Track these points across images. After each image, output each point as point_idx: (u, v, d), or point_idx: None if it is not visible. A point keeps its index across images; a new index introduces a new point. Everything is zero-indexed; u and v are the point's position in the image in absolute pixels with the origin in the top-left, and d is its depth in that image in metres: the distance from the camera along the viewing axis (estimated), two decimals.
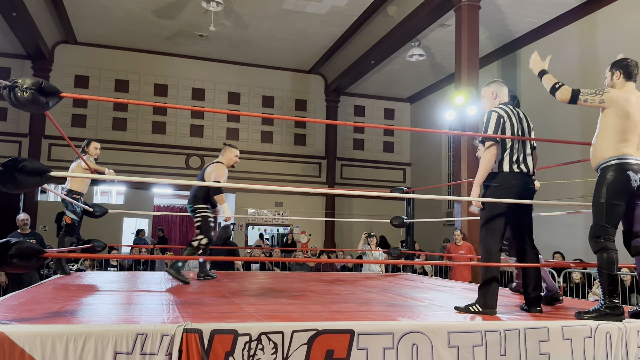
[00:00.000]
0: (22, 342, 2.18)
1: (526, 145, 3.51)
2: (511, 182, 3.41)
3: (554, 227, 9.80)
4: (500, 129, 3.44)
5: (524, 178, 3.44)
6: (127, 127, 13.94)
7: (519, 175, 3.43)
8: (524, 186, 3.43)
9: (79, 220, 5.66)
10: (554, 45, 10.65)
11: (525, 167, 3.46)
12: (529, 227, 3.60)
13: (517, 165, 3.43)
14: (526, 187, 3.45)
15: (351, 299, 4.04)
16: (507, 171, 3.42)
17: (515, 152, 3.44)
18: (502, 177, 3.43)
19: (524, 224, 3.58)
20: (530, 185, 3.49)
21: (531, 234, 3.61)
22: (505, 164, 3.43)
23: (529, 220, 3.59)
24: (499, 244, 3.42)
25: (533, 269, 3.53)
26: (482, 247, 3.46)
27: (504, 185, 3.41)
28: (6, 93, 2.44)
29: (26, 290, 4.04)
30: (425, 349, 2.66)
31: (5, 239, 2.50)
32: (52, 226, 12.45)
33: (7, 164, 2.44)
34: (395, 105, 16.56)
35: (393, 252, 7.48)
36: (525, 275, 3.56)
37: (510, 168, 3.42)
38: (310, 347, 2.50)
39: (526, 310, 3.47)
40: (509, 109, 3.56)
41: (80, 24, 12.32)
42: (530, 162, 3.51)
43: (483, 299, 3.34)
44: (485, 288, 3.35)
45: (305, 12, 11.17)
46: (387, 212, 10.88)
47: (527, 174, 3.47)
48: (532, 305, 3.46)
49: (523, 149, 3.48)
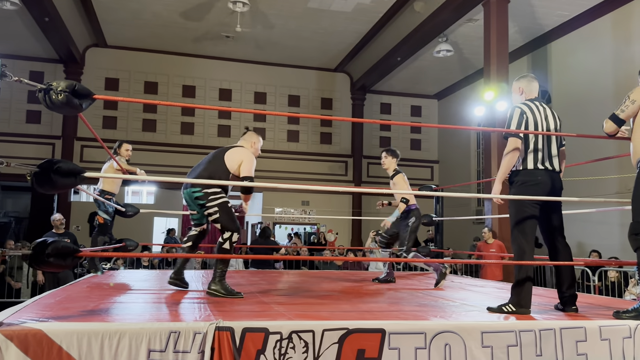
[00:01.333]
0: (60, 339, 2.23)
1: (552, 142, 3.42)
2: (536, 178, 3.34)
3: (589, 224, 9.56)
4: (523, 126, 3.37)
5: (550, 175, 3.36)
6: (156, 128, 14.16)
7: (544, 172, 3.35)
8: (550, 183, 3.35)
9: (111, 220, 5.78)
10: (586, 38, 10.39)
11: (551, 164, 3.38)
12: (560, 224, 3.51)
13: (542, 162, 3.35)
14: (553, 184, 3.37)
15: (381, 298, 4.02)
16: (532, 168, 3.35)
17: (541, 149, 3.36)
18: (527, 174, 3.36)
19: (554, 221, 3.49)
20: (557, 182, 3.41)
21: (562, 231, 3.52)
22: (530, 161, 3.36)
23: (559, 217, 3.50)
24: (531, 242, 3.35)
25: (567, 267, 3.45)
26: (514, 246, 3.39)
27: (529, 182, 3.34)
28: (41, 96, 2.50)
29: (62, 289, 4.14)
30: (458, 349, 2.62)
31: (45, 238, 2.56)
32: (85, 226, 12.75)
33: (43, 165, 2.49)
34: (422, 102, 16.40)
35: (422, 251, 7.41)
36: (558, 274, 3.48)
37: (535, 165, 3.35)
38: (341, 346, 2.49)
39: (561, 309, 3.39)
40: (535, 105, 3.47)
41: (110, 27, 12.56)
42: (557, 159, 3.43)
43: (517, 298, 3.28)
44: (518, 287, 3.29)
45: (331, 10, 11.15)
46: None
47: (554, 171, 3.39)
48: (567, 305, 3.38)
49: (549, 146, 3.40)
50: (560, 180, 3.46)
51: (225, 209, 3.81)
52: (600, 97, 9.74)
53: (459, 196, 6.27)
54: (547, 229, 3.53)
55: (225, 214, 3.79)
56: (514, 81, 3.71)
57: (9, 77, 2.37)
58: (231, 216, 3.81)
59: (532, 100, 3.53)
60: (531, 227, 3.36)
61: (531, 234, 3.36)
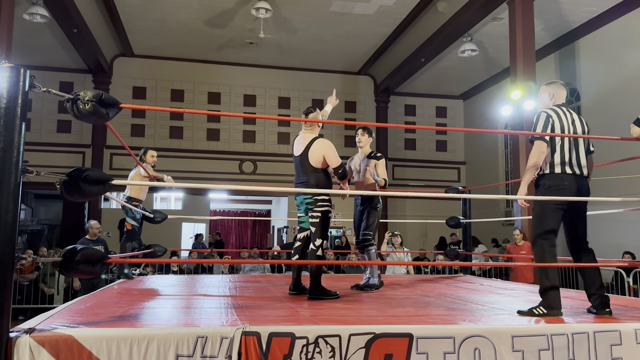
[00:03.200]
0: (90, 344, 2.26)
1: (580, 147, 3.39)
2: (563, 183, 3.30)
3: (621, 225, 9.31)
4: (549, 129, 3.34)
5: (577, 180, 3.32)
6: (183, 135, 14.36)
7: (571, 177, 3.31)
8: (576, 189, 3.30)
9: (139, 226, 5.86)
10: (617, 34, 10.14)
11: (579, 169, 3.34)
12: (584, 229, 3.46)
13: (569, 167, 3.32)
14: (579, 190, 3.32)
15: (407, 303, 3.97)
16: (559, 172, 3.32)
17: (567, 154, 3.33)
18: (554, 178, 3.33)
19: (578, 226, 3.45)
20: (583, 188, 3.36)
21: (585, 235, 3.46)
22: (557, 165, 3.33)
23: (584, 222, 3.46)
24: (553, 245, 3.32)
25: (592, 270, 3.39)
26: (535, 248, 3.38)
27: (555, 187, 3.31)
28: (69, 106, 2.55)
29: (92, 295, 4.21)
30: (488, 353, 2.57)
31: (74, 245, 2.61)
32: (115, 232, 12.98)
33: (72, 173, 2.54)
34: (447, 103, 16.23)
35: (450, 253, 7.32)
36: (584, 277, 3.42)
37: (563, 169, 3.31)
38: (368, 350, 2.47)
39: (594, 313, 3.30)
40: (562, 110, 3.44)
41: (136, 37, 12.80)
42: (585, 164, 3.38)
43: (546, 300, 3.23)
44: (546, 290, 3.25)
45: (353, 14, 11.14)
46: (443, 212, 10.67)
47: (581, 176, 3.35)
48: (599, 308, 3.29)
49: (577, 151, 3.36)
50: (588, 186, 3.42)
51: (326, 217, 4.10)
52: (632, 95, 9.48)
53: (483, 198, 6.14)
54: (572, 233, 3.48)
55: (324, 222, 4.08)
56: (544, 85, 3.67)
57: (37, 88, 2.42)
58: (327, 226, 4.12)
59: (559, 105, 3.50)
60: (553, 230, 3.32)
61: (552, 238, 3.32)
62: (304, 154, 4.13)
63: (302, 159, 4.14)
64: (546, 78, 11.74)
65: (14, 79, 2.32)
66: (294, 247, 4.35)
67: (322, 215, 4.07)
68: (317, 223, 4.07)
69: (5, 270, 2.24)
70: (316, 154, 4.09)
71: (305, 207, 4.15)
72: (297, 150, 4.23)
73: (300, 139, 4.26)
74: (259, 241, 19.60)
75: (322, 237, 4.07)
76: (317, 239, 4.06)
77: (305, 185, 4.11)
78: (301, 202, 4.17)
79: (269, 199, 18.20)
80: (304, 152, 4.13)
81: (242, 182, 13.73)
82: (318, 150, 4.10)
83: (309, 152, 4.11)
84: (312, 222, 4.11)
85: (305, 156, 4.11)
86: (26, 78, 2.36)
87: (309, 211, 4.12)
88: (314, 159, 4.09)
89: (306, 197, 4.09)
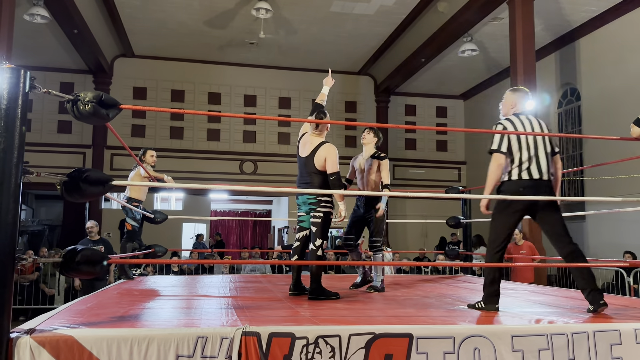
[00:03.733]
0: (90, 345, 2.27)
1: (540, 151, 3.46)
2: (518, 188, 3.41)
3: (623, 224, 9.31)
4: (505, 140, 3.46)
5: (535, 184, 3.40)
6: (183, 136, 14.36)
7: (527, 182, 3.41)
8: (533, 192, 3.38)
9: (140, 226, 5.86)
10: (617, 33, 10.13)
11: (538, 173, 3.42)
12: (561, 228, 3.47)
13: (527, 173, 3.42)
14: (537, 193, 3.38)
15: (408, 303, 3.97)
16: (516, 179, 3.44)
17: (526, 161, 3.43)
18: (509, 184, 3.47)
19: (554, 226, 3.48)
20: (543, 190, 3.41)
21: (565, 232, 3.47)
22: (514, 173, 3.44)
23: (559, 221, 3.47)
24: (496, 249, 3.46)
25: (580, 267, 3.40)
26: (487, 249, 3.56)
27: (509, 193, 3.43)
28: (69, 107, 2.55)
29: (93, 295, 4.22)
30: (488, 353, 2.57)
31: (75, 246, 2.62)
32: (116, 232, 12.99)
33: (72, 174, 2.54)
34: (447, 103, 16.23)
35: (450, 253, 7.32)
36: (574, 276, 3.48)
37: (519, 176, 3.43)
38: (368, 350, 2.47)
39: (592, 310, 3.28)
40: (519, 119, 3.54)
41: (136, 37, 12.81)
42: (545, 167, 3.45)
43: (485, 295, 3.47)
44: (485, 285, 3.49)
45: (354, 14, 11.15)
46: (443, 212, 10.66)
47: (540, 180, 3.42)
48: (594, 302, 3.29)
49: (536, 155, 3.44)
50: (550, 188, 3.48)
51: (328, 218, 4.15)
52: (632, 95, 9.48)
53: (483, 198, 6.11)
54: (550, 234, 3.54)
55: (325, 223, 4.13)
56: (508, 92, 3.79)
57: (38, 89, 2.43)
58: (328, 226, 4.17)
59: (517, 114, 3.61)
60: (503, 229, 3.47)
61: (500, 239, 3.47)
62: (310, 156, 4.19)
63: (307, 160, 4.21)
64: (546, 78, 11.77)
65: (15, 80, 2.32)
66: (293, 247, 4.36)
67: (324, 216, 4.12)
68: (319, 223, 4.11)
69: (6, 270, 2.25)
70: (321, 158, 4.16)
71: (307, 207, 4.18)
72: (304, 151, 4.27)
73: (307, 141, 4.28)
74: (260, 241, 19.61)
75: (322, 238, 4.12)
76: (317, 239, 4.10)
77: (309, 185, 4.16)
78: (304, 202, 4.20)
79: (270, 199, 18.20)
80: (310, 155, 4.19)
81: (243, 182, 13.74)
82: (322, 154, 4.17)
83: (315, 156, 4.17)
84: (313, 222, 4.14)
85: (311, 159, 4.18)
86: (27, 79, 2.36)
87: (311, 211, 4.16)
88: (319, 162, 4.16)
89: (310, 197, 4.13)
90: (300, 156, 4.28)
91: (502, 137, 3.47)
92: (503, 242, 3.48)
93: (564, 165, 11.63)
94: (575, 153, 11.39)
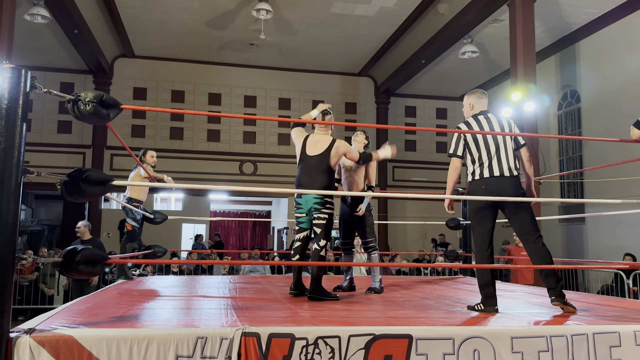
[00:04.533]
0: (90, 345, 2.27)
1: (500, 149, 3.50)
2: (480, 187, 3.47)
3: (623, 227, 9.31)
4: (461, 142, 3.57)
5: (496, 181, 3.45)
6: (184, 136, 14.37)
7: (489, 180, 3.46)
8: (496, 189, 3.43)
9: (139, 227, 5.86)
10: (617, 35, 10.14)
11: (499, 170, 3.46)
12: (526, 225, 3.51)
13: (488, 171, 3.47)
14: (500, 190, 3.42)
15: (408, 304, 3.97)
16: (478, 178, 3.50)
17: (486, 159, 3.48)
18: (472, 184, 3.55)
19: (518, 223, 3.53)
20: (506, 186, 3.44)
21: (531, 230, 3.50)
22: (477, 172, 3.51)
23: (526, 218, 3.51)
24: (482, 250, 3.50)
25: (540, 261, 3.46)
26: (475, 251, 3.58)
27: (472, 193, 3.51)
28: (70, 106, 2.55)
29: (92, 296, 4.22)
30: (487, 354, 2.57)
31: (74, 246, 2.62)
32: (115, 233, 12.99)
33: (72, 174, 2.54)
34: (447, 105, 16.24)
35: (449, 255, 7.32)
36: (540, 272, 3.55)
37: (481, 175, 3.48)
38: (367, 352, 2.47)
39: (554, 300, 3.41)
40: (477, 120, 3.60)
41: (137, 38, 12.82)
42: (507, 164, 3.48)
43: (484, 297, 3.46)
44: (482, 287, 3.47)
45: (354, 15, 11.16)
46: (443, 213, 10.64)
47: (502, 177, 3.46)
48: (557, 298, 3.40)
49: (497, 153, 3.49)
50: (514, 183, 3.49)
51: (331, 220, 4.18)
52: (632, 96, 9.49)
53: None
54: (517, 232, 3.62)
55: (329, 224, 4.15)
56: (465, 95, 3.84)
57: (38, 88, 2.43)
58: (331, 227, 4.20)
59: (476, 115, 3.66)
60: (483, 231, 3.51)
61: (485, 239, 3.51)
62: (325, 154, 4.19)
63: (321, 159, 4.19)
64: (546, 80, 11.78)
65: (15, 79, 2.32)
66: (293, 247, 4.34)
67: (328, 217, 4.14)
68: (323, 225, 4.13)
69: (6, 270, 2.24)
70: (339, 154, 4.22)
71: (311, 207, 4.16)
72: (315, 150, 4.24)
73: (317, 140, 4.29)
74: (259, 242, 19.60)
75: (326, 239, 4.14)
76: (321, 240, 4.12)
77: (316, 186, 4.11)
78: (306, 202, 4.17)
79: (269, 200, 18.20)
80: (326, 152, 4.19)
81: (243, 183, 13.74)
82: (341, 149, 4.23)
83: (331, 153, 4.19)
84: (317, 224, 4.14)
85: (327, 156, 4.18)
86: (27, 79, 2.36)
87: (314, 212, 4.14)
88: (334, 160, 4.20)
89: (315, 197, 4.11)
90: (310, 155, 4.23)
91: (458, 141, 3.59)
92: (488, 242, 3.51)
93: (563, 167, 11.63)
94: (575, 155, 11.39)
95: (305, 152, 4.28)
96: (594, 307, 3.90)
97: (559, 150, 11.94)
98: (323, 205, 4.13)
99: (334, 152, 4.19)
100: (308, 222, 4.24)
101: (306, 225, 4.26)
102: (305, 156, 4.26)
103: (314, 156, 4.22)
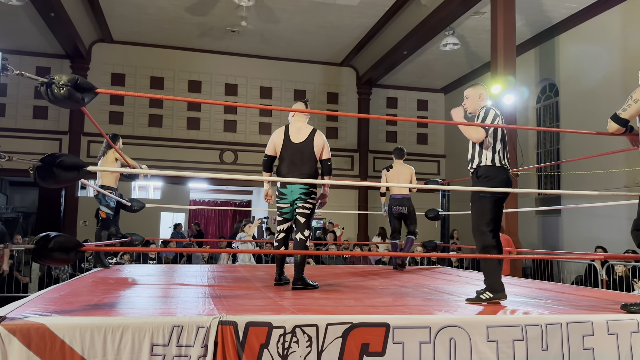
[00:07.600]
0: (62, 333, 2.23)
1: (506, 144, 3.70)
2: (502, 176, 3.55)
3: (596, 219, 9.49)
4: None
5: (507, 174, 3.62)
6: (162, 124, 14.16)
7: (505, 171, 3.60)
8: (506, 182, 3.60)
9: (113, 214, 5.74)
10: (595, 30, 10.27)
11: (508, 163, 3.66)
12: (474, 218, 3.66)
13: (507, 161, 3.64)
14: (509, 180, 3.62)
15: (386, 293, 4.00)
16: (499, 165, 3.58)
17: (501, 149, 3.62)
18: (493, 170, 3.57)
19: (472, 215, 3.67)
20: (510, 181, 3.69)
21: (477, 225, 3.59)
22: (497, 158, 3.58)
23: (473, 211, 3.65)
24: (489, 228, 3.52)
25: None
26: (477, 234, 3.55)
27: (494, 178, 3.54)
28: (43, 90, 2.49)
29: (67, 284, 4.15)
30: (463, 343, 2.60)
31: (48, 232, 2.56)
32: (92, 221, 12.79)
33: (46, 159, 2.49)
34: (428, 96, 16.31)
35: (428, 245, 7.39)
36: None
37: (501, 163, 3.59)
38: (345, 340, 2.48)
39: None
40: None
41: (115, 22, 12.56)
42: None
43: (491, 285, 3.43)
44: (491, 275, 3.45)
45: (337, 4, 11.09)
46: (422, 204, 10.72)
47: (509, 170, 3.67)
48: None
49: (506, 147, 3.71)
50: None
51: (314, 209, 4.20)
52: (609, 90, 9.64)
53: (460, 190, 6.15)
54: None
55: (312, 214, 4.18)
56: (479, 86, 3.93)
57: (10, 70, 2.36)
58: (313, 216, 4.21)
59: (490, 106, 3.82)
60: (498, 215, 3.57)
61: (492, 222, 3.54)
62: (308, 142, 4.17)
63: (305, 146, 4.16)
64: (526, 73, 11.89)
65: None
66: (276, 238, 4.32)
67: (312, 207, 4.16)
68: (308, 214, 4.13)
69: None
70: (318, 144, 4.18)
71: (296, 197, 4.11)
72: (298, 137, 4.20)
73: (299, 127, 4.25)
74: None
75: (309, 229, 4.17)
76: (305, 230, 4.13)
77: (302, 175, 4.08)
78: (292, 192, 4.12)
79: (250, 189, 18.11)
80: (308, 141, 4.17)
81: (223, 172, 13.62)
82: (319, 141, 4.19)
83: (314, 141, 4.17)
84: (302, 213, 4.13)
85: (310, 144, 4.16)
86: None
87: (300, 201, 4.11)
88: (317, 149, 4.17)
89: (302, 187, 4.08)
90: (295, 142, 4.18)
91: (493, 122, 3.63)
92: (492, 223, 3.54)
93: (541, 160, 11.81)
94: (552, 148, 11.56)
95: (289, 140, 4.21)
96: (568, 297, 3.97)
97: (537, 143, 12.09)
98: (309, 195, 4.11)
99: (315, 142, 4.17)
100: (291, 212, 4.21)
101: (289, 216, 4.24)
102: (289, 144, 4.20)
103: (298, 143, 4.18)
